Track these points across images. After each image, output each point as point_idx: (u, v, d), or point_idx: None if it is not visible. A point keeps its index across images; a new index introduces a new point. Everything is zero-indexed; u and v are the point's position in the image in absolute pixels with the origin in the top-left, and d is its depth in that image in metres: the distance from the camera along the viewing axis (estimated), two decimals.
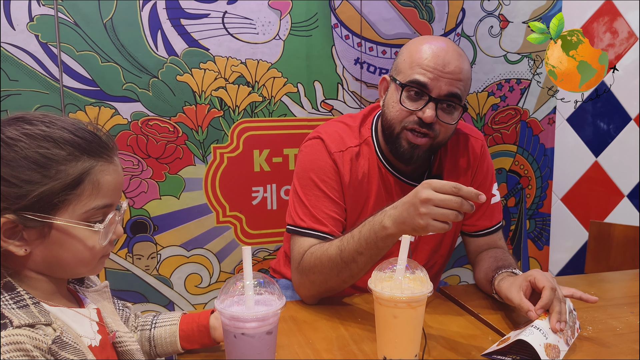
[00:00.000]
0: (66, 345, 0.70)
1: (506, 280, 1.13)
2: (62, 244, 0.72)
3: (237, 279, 0.82)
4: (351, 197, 1.28)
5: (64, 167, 0.70)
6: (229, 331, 0.80)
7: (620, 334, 1.08)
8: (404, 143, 1.22)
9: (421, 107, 1.19)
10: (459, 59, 1.20)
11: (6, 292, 0.70)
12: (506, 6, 1.85)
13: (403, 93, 1.21)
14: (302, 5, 1.65)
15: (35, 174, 0.69)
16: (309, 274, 1.17)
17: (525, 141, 1.98)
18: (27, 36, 1.45)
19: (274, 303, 0.81)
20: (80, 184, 0.71)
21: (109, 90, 1.53)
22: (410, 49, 1.23)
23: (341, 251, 1.12)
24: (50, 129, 0.71)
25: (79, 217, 0.72)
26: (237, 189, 1.68)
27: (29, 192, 0.68)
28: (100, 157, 0.73)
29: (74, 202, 0.71)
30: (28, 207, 0.68)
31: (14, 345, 0.65)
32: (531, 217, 2.03)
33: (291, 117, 1.70)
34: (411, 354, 0.92)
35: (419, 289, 0.89)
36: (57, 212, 0.70)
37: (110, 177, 0.74)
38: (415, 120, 1.20)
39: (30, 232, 0.70)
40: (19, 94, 1.46)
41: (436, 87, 1.18)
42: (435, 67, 1.17)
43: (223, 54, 1.61)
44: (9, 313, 0.67)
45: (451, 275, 2.00)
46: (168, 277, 1.67)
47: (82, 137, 0.73)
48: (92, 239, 0.73)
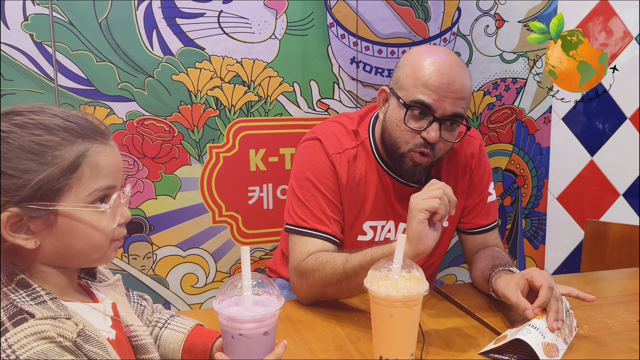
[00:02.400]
0: (89, 339, 0.70)
1: (503, 278, 1.13)
2: (71, 230, 0.71)
3: (235, 280, 0.81)
4: (348, 199, 1.28)
5: (60, 153, 0.69)
6: (226, 332, 0.80)
7: (616, 332, 1.08)
8: (409, 162, 1.23)
9: (424, 126, 1.18)
10: (462, 75, 1.18)
11: (21, 289, 0.70)
12: (502, 5, 1.85)
13: (407, 112, 1.20)
14: (298, 4, 1.65)
15: (32, 162, 0.68)
16: (309, 276, 1.17)
17: (521, 140, 1.98)
18: (22, 35, 1.44)
19: (273, 304, 0.81)
20: (78, 167, 0.70)
21: (104, 89, 1.52)
22: (413, 63, 1.20)
23: (346, 261, 1.12)
24: (40, 117, 0.71)
25: (83, 201, 0.71)
26: (233, 188, 1.68)
27: (28, 182, 0.67)
28: (94, 140, 0.73)
29: (76, 186, 0.70)
30: (30, 197, 0.68)
31: (37, 335, 0.64)
32: (527, 216, 2.03)
33: (287, 116, 1.70)
34: (407, 353, 0.92)
35: (415, 288, 0.89)
36: (60, 198, 0.69)
37: (108, 158, 0.74)
38: (420, 142, 1.20)
39: (36, 223, 0.70)
40: (14, 94, 1.46)
41: (440, 108, 1.17)
42: (440, 87, 1.16)
43: (219, 54, 1.60)
44: (29, 308, 0.67)
45: (447, 275, 2.00)
46: (164, 277, 1.66)
47: (75, 122, 0.72)
48: (100, 221, 0.73)
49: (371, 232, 1.32)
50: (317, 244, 1.21)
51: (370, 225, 1.31)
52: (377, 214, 1.30)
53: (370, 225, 1.31)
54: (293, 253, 1.23)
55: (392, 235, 1.32)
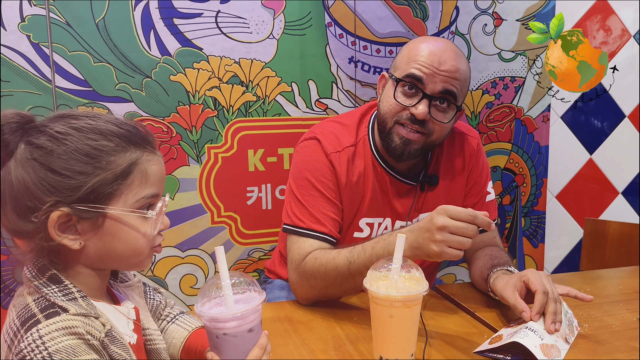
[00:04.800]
0: (115, 340, 0.71)
1: (501, 278, 1.13)
2: (116, 234, 0.73)
3: (214, 280, 0.81)
4: (348, 197, 1.28)
5: (114, 158, 0.72)
6: (211, 333, 0.79)
7: (616, 331, 1.08)
8: (396, 138, 1.22)
9: (415, 103, 1.19)
10: (456, 59, 1.20)
11: (53, 285, 0.71)
12: (500, 4, 1.85)
13: (398, 88, 1.21)
14: (296, 4, 1.64)
15: (87, 165, 0.70)
16: (310, 278, 1.17)
17: (519, 139, 1.98)
18: (19, 37, 1.44)
19: (254, 300, 0.80)
20: (130, 174, 0.73)
21: (102, 90, 1.52)
22: (409, 47, 1.24)
23: (350, 263, 1.12)
24: (96, 122, 0.73)
25: (130, 207, 0.73)
26: (231, 189, 1.68)
27: (83, 184, 0.70)
28: (144, 148, 0.75)
29: (125, 191, 0.73)
30: (82, 198, 0.70)
31: (67, 329, 0.66)
32: (526, 215, 2.03)
33: (285, 116, 1.70)
34: (407, 353, 0.92)
35: (415, 288, 0.89)
36: (109, 202, 0.72)
37: (156, 167, 0.76)
38: (408, 116, 1.20)
39: (84, 225, 0.71)
40: (11, 95, 1.45)
41: (431, 83, 1.18)
42: (432, 64, 1.18)
43: (216, 54, 1.60)
44: (62, 303, 0.69)
45: (447, 274, 2.00)
46: (163, 278, 1.66)
47: (126, 129, 0.75)
48: (144, 226, 0.75)
49: (367, 229, 1.32)
50: (314, 244, 1.21)
51: (366, 222, 1.31)
52: (374, 211, 1.30)
53: (367, 222, 1.31)
54: (291, 254, 1.23)
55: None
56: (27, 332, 0.65)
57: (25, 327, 0.66)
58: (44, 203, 0.69)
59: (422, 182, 1.31)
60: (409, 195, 1.32)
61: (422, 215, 1.33)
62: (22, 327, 0.66)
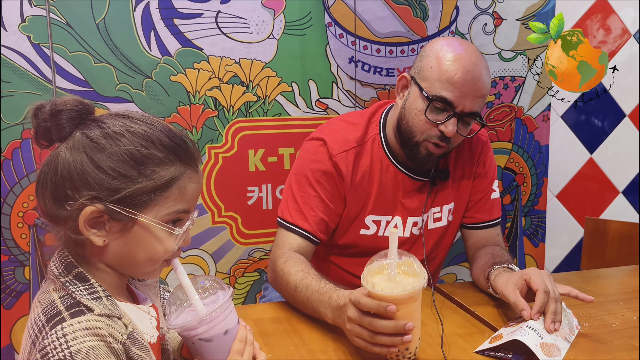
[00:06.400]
0: (136, 342, 0.72)
1: (502, 276, 1.13)
2: (141, 241, 0.74)
3: (177, 291, 0.80)
4: (353, 196, 1.29)
5: (159, 169, 0.72)
6: (187, 340, 0.79)
7: (616, 330, 1.08)
8: (423, 151, 1.24)
9: (443, 120, 1.19)
10: (486, 74, 1.20)
11: (79, 283, 0.72)
12: (500, 4, 1.85)
13: (429, 106, 1.20)
14: (296, 4, 1.64)
15: (133, 170, 0.71)
16: (277, 279, 1.20)
17: (520, 138, 1.98)
18: (19, 37, 1.44)
19: (219, 300, 0.79)
20: (169, 188, 0.73)
21: (102, 91, 1.52)
22: (438, 56, 1.20)
23: (295, 289, 1.12)
24: (151, 130, 0.73)
25: (161, 218, 0.74)
26: (232, 189, 1.68)
27: (123, 187, 0.70)
28: (188, 166, 0.76)
29: (160, 203, 0.73)
30: (119, 200, 0.70)
31: (91, 330, 0.66)
32: (527, 215, 2.03)
33: (286, 116, 1.70)
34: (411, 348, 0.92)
35: (411, 284, 0.89)
36: (143, 210, 0.72)
37: (195, 185, 0.77)
38: (436, 134, 1.21)
39: (113, 225, 0.72)
40: (12, 96, 1.45)
41: (461, 104, 1.18)
42: (464, 85, 1.17)
43: (217, 54, 1.60)
44: (87, 302, 0.69)
45: (447, 274, 2.00)
46: (164, 278, 1.66)
47: (177, 143, 0.75)
48: (168, 240, 0.75)
49: (374, 227, 1.33)
50: (295, 240, 1.23)
51: (372, 220, 1.32)
52: (381, 209, 1.31)
53: (373, 219, 1.32)
54: (274, 245, 1.26)
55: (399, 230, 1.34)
56: (51, 330, 0.66)
57: (50, 324, 0.66)
58: (81, 195, 0.69)
59: (434, 176, 1.32)
60: (421, 191, 1.33)
61: (432, 209, 1.34)
62: (47, 323, 0.67)
